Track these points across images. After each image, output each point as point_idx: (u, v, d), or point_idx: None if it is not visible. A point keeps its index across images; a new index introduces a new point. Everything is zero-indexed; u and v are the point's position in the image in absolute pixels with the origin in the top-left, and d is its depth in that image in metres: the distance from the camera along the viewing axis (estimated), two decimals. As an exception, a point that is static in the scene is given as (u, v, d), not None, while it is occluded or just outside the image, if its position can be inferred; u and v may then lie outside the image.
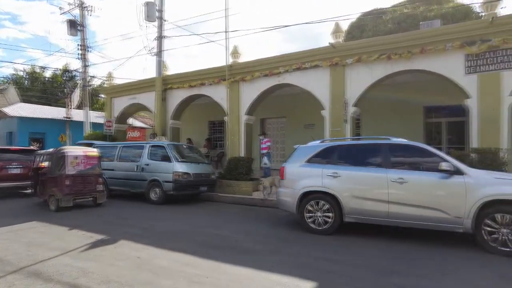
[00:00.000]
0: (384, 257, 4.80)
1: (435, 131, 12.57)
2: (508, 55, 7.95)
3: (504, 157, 7.64)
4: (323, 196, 6.02)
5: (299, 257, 4.80)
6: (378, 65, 9.40)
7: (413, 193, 5.34)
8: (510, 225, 4.74)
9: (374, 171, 5.68)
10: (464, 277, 4.03)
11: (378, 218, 5.63)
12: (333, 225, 5.91)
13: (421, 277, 4.03)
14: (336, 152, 6.20)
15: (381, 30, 18.97)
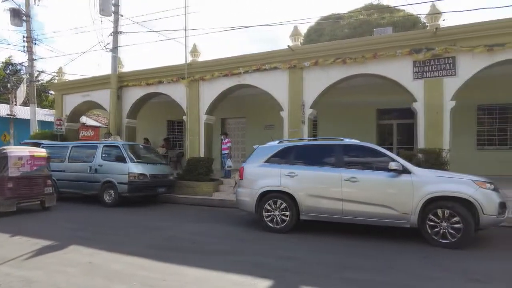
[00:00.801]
0: (338, 253, 5.01)
1: (386, 132, 13.31)
2: (449, 63, 8.64)
3: (446, 157, 8.28)
4: (281, 195, 6.14)
5: (256, 256, 4.86)
6: (334, 68, 9.77)
7: (364, 191, 5.63)
8: (449, 219, 5.15)
9: (328, 170, 5.91)
10: (409, 269, 4.31)
11: (332, 215, 5.86)
12: (290, 224, 6.06)
13: (371, 270, 4.26)
14: (293, 152, 6.37)
15: (338, 34, 19.75)
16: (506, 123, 11.54)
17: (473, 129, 11.67)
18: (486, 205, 5.04)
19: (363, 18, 20.54)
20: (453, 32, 8.63)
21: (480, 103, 11.54)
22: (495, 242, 5.58)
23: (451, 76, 8.63)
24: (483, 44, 8.27)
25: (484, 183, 5.20)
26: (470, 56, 8.45)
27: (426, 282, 3.89)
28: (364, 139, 7.68)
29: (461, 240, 5.07)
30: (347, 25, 20.89)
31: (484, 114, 11.75)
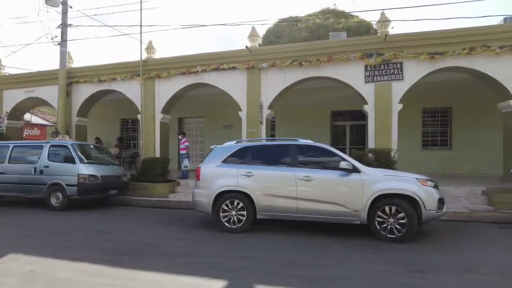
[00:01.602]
0: (292, 250, 5.12)
1: (340, 133, 13.87)
2: (397, 68, 9.21)
3: (394, 157, 8.81)
4: (238, 195, 6.16)
5: (213, 257, 4.83)
6: (291, 70, 9.99)
7: (318, 189, 5.83)
8: (396, 215, 5.49)
9: (283, 170, 6.05)
10: (360, 264, 4.53)
11: (288, 214, 6.00)
12: (246, 223, 6.10)
13: (323, 267, 4.41)
14: (250, 152, 6.42)
15: (296, 37, 20.21)
16: (447, 125, 12.54)
17: (418, 130, 12.53)
18: (427, 201, 5.43)
19: (320, 22, 21.21)
20: (401, 39, 9.21)
21: (425, 106, 12.43)
22: (435, 235, 6.01)
23: (399, 80, 9.20)
24: (426, 52, 8.92)
25: (426, 181, 5.60)
26: (416, 62, 9.08)
27: (375, 275, 4.10)
28: (319, 139, 7.97)
29: (406, 234, 5.42)
30: (305, 28, 21.46)
31: (428, 117, 12.67)
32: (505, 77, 8.64)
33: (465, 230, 6.45)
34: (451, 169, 11.73)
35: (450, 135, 12.46)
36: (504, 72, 8.64)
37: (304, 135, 9.49)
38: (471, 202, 8.30)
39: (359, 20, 20.46)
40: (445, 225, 6.74)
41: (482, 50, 8.62)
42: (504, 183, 8.69)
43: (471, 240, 5.73)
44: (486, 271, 4.23)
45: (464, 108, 11.93)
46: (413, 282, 3.88)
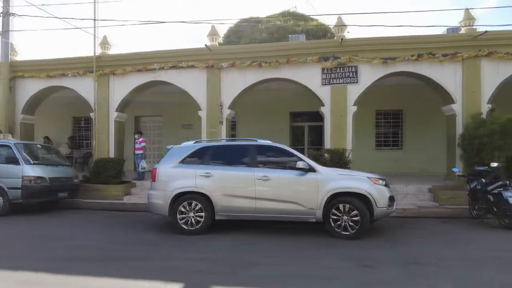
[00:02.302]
0: (249, 250, 5.15)
1: (299, 134, 14.17)
2: (352, 71, 9.59)
3: (349, 157, 9.17)
4: (196, 196, 6.07)
5: (169, 260, 4.71)
6: (250, 71, 10.03)
7: (276, 189, 5.91)
8: (349, 212, 5.70)
9: (242, 170, 6.06)
10: (314, 261, 4.64)
11: (246, 214, 6.02)
12: (205, 225, 6.02)
13: (279, 265, 4.47)
14: (209, 152, 6.35)
15: (257, 38, 20.33)
16: (398, 127, 13.27)
17: (372, 131, 13.14)
18: (378, 199, 5.71)
19: (280, 24, 21.53)
20: (356, 44, 9.61)
21: (378, 109, 13.06)
22: (385, 231, 6.33)
23: (354, 83, 9.59)
24: (379, 56, 9.37)
25: (377, 180, 5.89)
26: (369, 66, 9.51)
27: (328, 271, 4.23)
28: (279, 139, 8.09)
29: (359, 231, 5.65)
30: (265, 29, 21.68)
31: (381, 119, 13.33)
32: (447, 83, 9.33)
33: (412, 225, 6.85)
34: (402, 168, 12.43)
35: (401, 136, 13.21)
36: (446, 78, 9.33)
37: (265, 136, 9.58)
38: (419, 199, 8.86)
39: (318, 24, 21.05)
40: (395, 221, 7.12)
41: (428, 57, 9.23)
42: (447, 181, 9.36)
43: (417, 235, 6.10)
44: (427, 262, 4.53)
45: (413, 110, 12.70)
46: (363, 276, 4.05)
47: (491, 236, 6.01)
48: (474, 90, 9.14)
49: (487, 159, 7.68)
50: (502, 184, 6.55)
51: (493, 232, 6.26)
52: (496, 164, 7.09)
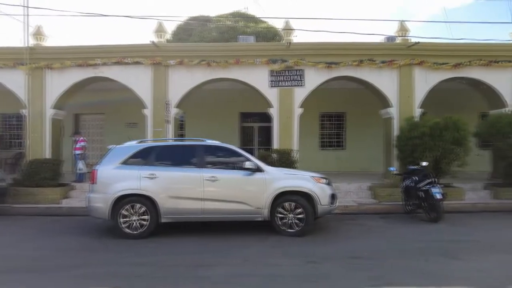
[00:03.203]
0: (194, 252, 5.08)
1: (249, 134, 14.30)
2: (299, 74, 9.91)
3: (295, 157, 9.44)
4: (140, 199, 5.83)
5: (109, 266, 4.48)
6: (199, 70, 9.88)
7: (223, 189, 5.91)
8: (295, 210, 5.89)
9: (189, 171, 5.96)
10: (261, 259, 4.72)
11: (194, 215, 5.94)
12: (149, 228, 5.81)
13: (226, 265, 4.47)
14: (154, 153, 6.14)
15: (207, 37, 20.12)
16: (341, 128, 13.98)
17: (317, 132, 13.69)
18: (321, 197, 5.97)
19: (230, 24, 21.54)
20: (302, 48, 9.94)
21: (322, 111, 13.63)
22: (328, 228, 6.63)
23: (300, 86, 9.92)
24: (324, 61, 9.79)
25: (320, 179, 6.15)
26: (314, 70, 9.89)
27: (274, 269, 4.33)
28: (229, 140, 8.10)
29: (304, 228, 5.86)
30: (216, 28, 21.54)
31: (325, 120, 13.94)
32: (385, 88, 10.03)
33: (353, 221, 7.26)
34: (345, 167, 13.09)
35: (344, 137, 13.92)
36: (384, 84, 10.03)
37: (215, 136, 9.50)
38: (359, 196, 9.41)
39: (268, 26, 21.41)
40: (338, 218, 7.47)
41: (369, 63, 9.85)
42: (385, 179, 10.05)
43: (357, 230, 6.48)
44: (366, 256, 4.85)
45: (355, 113, 13.45)
46: (307, 272, 4.21)
47: (421, 229, 6.57)
48: (408, 95, 9.96)
49: (419, 158, 8.38)
50: (431, 182, 7.20)
51: (423, 225, 6.85)
52: (425, 163, 7.78)
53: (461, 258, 4.66)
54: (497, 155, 9.84)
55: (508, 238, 5.84)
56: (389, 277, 4.02)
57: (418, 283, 3.77)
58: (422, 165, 7.68)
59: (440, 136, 8.55)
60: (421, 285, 3.72)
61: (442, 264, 4.46)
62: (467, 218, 7.46)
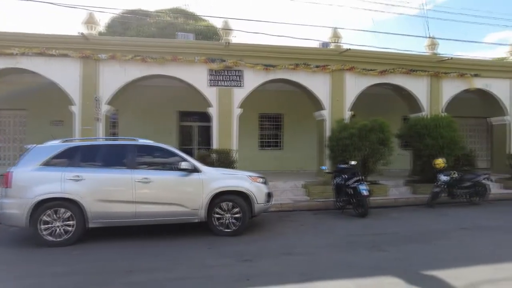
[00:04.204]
0: (126, 258, 4.82)
1: (189, 134, 14.01)
2: (238, 75, 9.96)
3: (234, 156, 9.48)
4: (64, 203, 5.36)
5: (31, 279, 4.05)
6: (133, 65, 9.40)
7: (157, 191, 5.68)
8: (232, 210, 5.90)
9: (120, 172, 5.63)
10: (196, 261, 4.64)
11: (125, 219, 5.62)
12: (75, 234, 5.37)
13: (159, 270, 4.31)
14: (80, 153, 5.68)
15: (145, 31, 19.28)
16: (279, 129, 14.37)
17: (256, 133, 13.92)
18: (258, 196, 6.07)
19: (170, 20, 20.88)
20: (241, 48, 10.01)
21: (261, 112, 13.90)
22: (264, 225, 6.76)
23: (239, 87, 9.98)
24: (262, 63, 9.97)
25: (256, 178, 6.25)
26: (253, 72, 10.02)
27: (209, 270, 4.29)
28: (167, 139, 7.86)
29: (241, 227, 5.91)
30: (155, 24, 20.72)
31: (264, 121, 14.22)
32: (318, 91, 10.56)
33: (288, 218, 7.51)
34: (283, 167, 13.52)
35: (281, 137, 14.34)
36: (318, 87, 10.55)
37: (152, 135, 9.15)
38: (294, 194, 9.77)
39: (208, 24, 21.19)
40: (274, 216, 7.68)
41: (304, 67, 10.27)
42: (318, 178, 10.57)
43: (291, 227, 6.72)
44: (299, 251, 5.05)
45: (292, 115, 13.93)
46: (242, 271, 4.24)
47: (349, 224, 7.03)
48: (339, 99, 10.60)
49: (348, 158, 8.96)
50: (358, 179, 7.75)
51: (351, 220, 7.33)
52: (354, 162, 8.37)
53: (384, 249, 5.08)
54: (415, 155, 10.95)
55: (421, 229, 6.52)
56: (319, 271, 4.22)
57: (346, 276, 4.02)
58: (351, 164, 8.24)
59: (367, 137, 9.24)
60: (349, 277, 3.97)
61: (368, 255, 4.83)
62: (390, 212, 8.18)
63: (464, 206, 8.82)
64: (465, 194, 8.96)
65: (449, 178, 8.77)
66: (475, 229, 6.37)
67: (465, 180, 8.97)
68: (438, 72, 11.29)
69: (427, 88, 11.34)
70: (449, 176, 8.79)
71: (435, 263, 4.41)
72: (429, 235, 5.99)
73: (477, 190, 9.01)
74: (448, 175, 8.80)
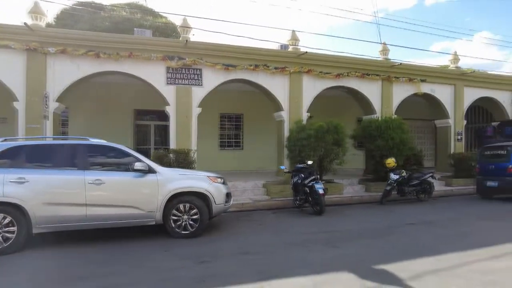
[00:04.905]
0: (77, 264, 4.55)
1: (145, 133, 13.55)
2: (197, 74, 9.83)
3: (193, 157, 9.34)
4: (4, 208, 4.93)
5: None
6: (86, 60, 8.93)
7: (111, 193, 5.43)
8: (189, 211, 5.79)
9: (69, 173, 5.30)
10: (152, 265, 4.49)
11: (75, 223, 5.30)
12: (16, 241, 4.95)
13: (113, 275, 4.13)
14: (24, 153, 5.27)
15: (99, 26, 18.38)
16: (239, 129, 14.39)
17: (216, 133, 13.83)
18: (217, 196, 6.02)
19: (126, 15, 20.09)
20: (201, 47, 9.88)
21: (222, 111, 13.84)
22: (223, 226, 6.73)
23: (198, 86, 9.85)
24: (222, 62, 9.92)
25: (215, 178, 6.19)
26: (212, 71, 9.95)
27: (166, 274, 4.17)
28: (122, 139, 7.52)
29: (199, 228, 5.82)
30: (109, 18, 19.82)
31: (224, 121, 14.17)
32: (277, 93, 10.73)
33: (247, 218, 7.54)
34: (243, 166, 13.56)
35: (242, 137, 14.37)
36: (277, 89, 10.72)
37: (106, 134, 8.73)
38: (255, 193, 9.84)
39: (167, 22, 20.68)
40: (233, 216, 7.68)
41: (263, 68, 10.39)
42: (278, 177, 10.73)
43: (250, 226, 6.75)
44: (257, 250, 5.08)
45: (252, 115, 14.02)
46: (199, 273, 4.18)
47: (306, 222, 7.21)
48: (297, 100, 10.85)
49: (305, 158, 9.19)
50: (315, 178, 7.98)
51: (308, 218, 7.53)
52: (311, 162, 8.60)
53: (338, 246, 5.27)
54: (368, 155, 11.50)
55: (373, 225, 6.85)
56: (276, 269, 4.28)
57: (302, 273, 4.11)
58: (308, 163, 8.46)
59: (323, 138, 9.54)
60: (305, 274, 4.06)
61: (323, 252, 4.97)
62: (345, 210, 8.51)
63: (412, 203, 9.42)
64: (413, 191, 9.57)
65: (399, 176, 9.32)
66: (421, 224, 6.81)
67: (413, 179, 9.59)
68: (390, 76, 11.95)
69: (380, 92, 11.96)
70: (399, 175, 9.34)
71: (385, 257, 4.66)
72: (380, 231, 6.31)
73: (423, 188, 9.67)
74: (398, 174, 9.35)
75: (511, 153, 9.67)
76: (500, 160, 9.88)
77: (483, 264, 4.41)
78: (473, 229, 6.43)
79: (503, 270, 4.17)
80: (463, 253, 4.85)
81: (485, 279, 3.88)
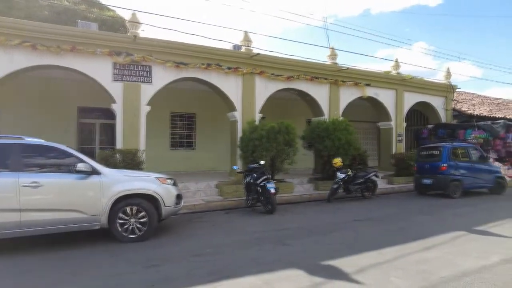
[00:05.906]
0: (16, 272, 4.18)
1: (90, 132, 12.74)
2: (146, 71, 9.46)
3: (142, 157, 8.97)
4: None
5: None
6: (21, 52, 8.15)
7: (50, 196, 5.02)
8: (137, 214, 5.56)
9: (1, 176, 4.81)
10: (95, 272, 4.23)
11: (7, 230, 4.82)
12: None
13: (56, 283, 3.86)
14: None
15: (37, 15, 16.95)
16: (192, 129, 14.12)
17: (167, 132, 13.43)
18: (166, 198, 5.84)
19: (68, 6, 18.78)
20: (150, 43, 9.52)
21: (173, 111, 13.48)
22: (173, 228, 6.56)
23: (148, 83, 9.48)
24: (173, 60, 9.66)
25: (165, 179, 6.01)
26: (163, 68, 9.64)
27: (112, 280, 3.96)
28: (63, 138, 6.95)
29: (147, 232, 5.60)
30: (49, 7, 18.37)
31: (176, 120, 13.81)
32: (230, 93, 10.71)
33: (199, 219, 7.43)
34: (195, 167, 13.33)
35: (194, 137, 14.12)
36: (230, 89, 10.70)
37: (45, 133, 8.08)
38: (207, 194, 9.72)
39: (115, 15, 19.68)
40: (185, 217, 7.52)
41: (216, 68, 10.30)
42: (230, 177, 10.71)
43: (202, 228, 6.65)
44: (208, 252, 5.02)
45: (205, 115, 13.84)
46: (147, 278, 4.03)
47: (258, 221, 7.28)
48: (250, 101, 10.92)
49: (258, 158, 9.28)
50: (267, 178, 8.09)
51: (260, 217, 7.61)
52: (263, 162, 8.71)
53: (288, 244, 5.38)
54: (317, 155, 11.93)
55: (322, 222, 7.12)
56: (227, 270, 4.26)
57: (253, 272, 4.13)
58: (261, 163, 8.55)
59: (275, 138, 9.71)
60: (255, 273, 4.09)
61: (273, 250, 5.05)
62: (295, 208, 8.74)
63: (357, 200, 9.94)
64: (358, 189, 10.10)
65: (345, 175, 9.79)
66: (366, 221, 7.22)
67: (359, 177, 10.13)
68: (337, 80, 12.50)
69: (328, 94, 12.46)
70: (346, 174, 9.81)
71: (332, 253, 4.86)
72: (328, 228, 6.57)
73: (368, 186, 10.26)
74: (344, 173, 9.81)
75: (443, 153, 10.63)
76: (434, 159, 10.81)
77: (418, 255, 4.78)
78: (411, 224, 6.95)
79: (434, 259, 4.57)
80: (401, 246, 5.22)
81: (419, 268, 4.22)
